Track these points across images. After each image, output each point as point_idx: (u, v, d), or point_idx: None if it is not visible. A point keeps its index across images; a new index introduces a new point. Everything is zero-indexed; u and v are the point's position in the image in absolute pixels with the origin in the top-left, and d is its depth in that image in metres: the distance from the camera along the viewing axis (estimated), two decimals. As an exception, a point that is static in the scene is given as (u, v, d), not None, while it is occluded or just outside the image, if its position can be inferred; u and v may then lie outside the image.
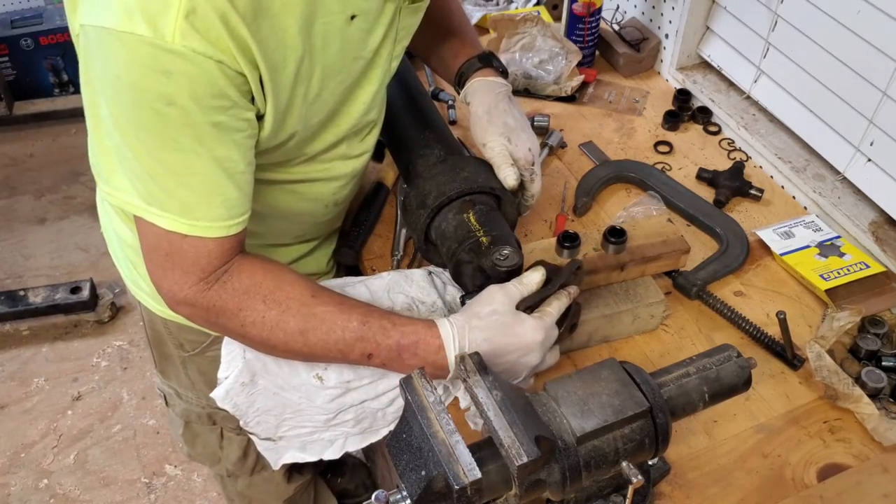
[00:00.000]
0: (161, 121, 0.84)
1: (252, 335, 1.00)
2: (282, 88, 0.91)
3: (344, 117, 1.06)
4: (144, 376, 2.55)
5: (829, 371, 1.12)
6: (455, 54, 1.26)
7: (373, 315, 1.00)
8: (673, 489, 1.07)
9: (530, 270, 1.04)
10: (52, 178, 3.20)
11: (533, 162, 1.17)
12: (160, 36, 0.79)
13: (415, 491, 0.77)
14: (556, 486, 0.83)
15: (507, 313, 0.99)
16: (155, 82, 0.81)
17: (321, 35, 0.92)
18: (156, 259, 0.96)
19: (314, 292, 1.00)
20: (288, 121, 0.96)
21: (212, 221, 0.92)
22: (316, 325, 0.98)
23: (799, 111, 1.50)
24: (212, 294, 0.97)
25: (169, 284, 0.96)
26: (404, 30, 1.06)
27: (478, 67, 1.24)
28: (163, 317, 1.29)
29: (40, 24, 3.21)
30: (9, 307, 2.59)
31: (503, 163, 1.15)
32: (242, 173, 0.93)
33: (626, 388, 0.86)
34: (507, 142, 1.16)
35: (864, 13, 1.28)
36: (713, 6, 1.66)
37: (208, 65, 0.81)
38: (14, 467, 2.33)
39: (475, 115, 1.21)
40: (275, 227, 1.19)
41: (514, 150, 1.16)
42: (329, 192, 1.16)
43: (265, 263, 1.00)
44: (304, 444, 1.17)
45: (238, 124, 0.89)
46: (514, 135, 1.17)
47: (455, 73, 1.26)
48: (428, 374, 0.85)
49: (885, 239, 1.35)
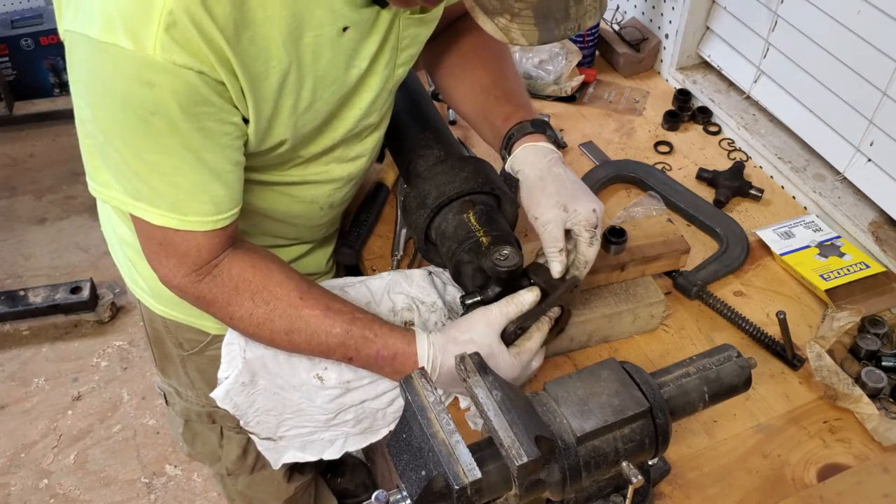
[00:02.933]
0: (146, 127, 0.86)
1: (240, 328, 1.05)
2: (264, 99, 0.92)
3: (339, 122, 1.06)
4: (144, 376, 2.55)
5: (829, 371, 1.12)
6: (506, 118, 1.16)
7: (356, 324, 1.03)
8: (673, 489, 1.06)
9: (525, 290, 1.03)
10: (53, 178, 3.20)
11: (596, 225, 1.06)
12: (142, 48, 0.80)
13: (415, 491, 0.77)
14: (556, 486, 0.83)
15: (483, 344, 1.01)
16: (139, 92, 0.83)
17: (311, 48, 0.92)
18: (151, 247, 0.99)
19: (302, 293, 1.02)
20: (274, 129, 0.96)
21: (201, 216, 0.94)
22: (301, 328, 1.02)
23: (799, 111, 1.50)
24: (203, 286, 1.00)
25: (164, 271, 1.00)
26: (408, 38, 1.05)
27: (529, 132, 1.14)
28: (162, 316, 1.29)
29: (40, 24, 3.21)
30: (9, 307, 2.59)
31: (555, 247, 1.05)
32: (230, 172, 0.94)
33: (626, 388, 0.86)
34: (563, 211, 1.05)
35: (864, 13, 1.28)
36: (713, 6, 1.66)
37: (190, 76, 0.83)
38: (14, 467, 2.32)
39: (526, 182, 1.11)
40: (271, 230, 1.19)
41: (572, 216, 1.05)
42: (324, 194, 1.16)
43: (256, 260, 1.02)
44: (305, 443, 1.17)
45: (224, 128, 0.90)
46: (571, 199, 1.06)
47: (503, 136, 1.16)
48: (427, 373, 0.85)
49: (885, 239, 1.35)
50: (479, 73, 1.23)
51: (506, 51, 1.28)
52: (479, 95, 1.22)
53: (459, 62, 1.25)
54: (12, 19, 3.22)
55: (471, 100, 1.24)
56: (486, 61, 1.23)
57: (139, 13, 0.79)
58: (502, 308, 1.02)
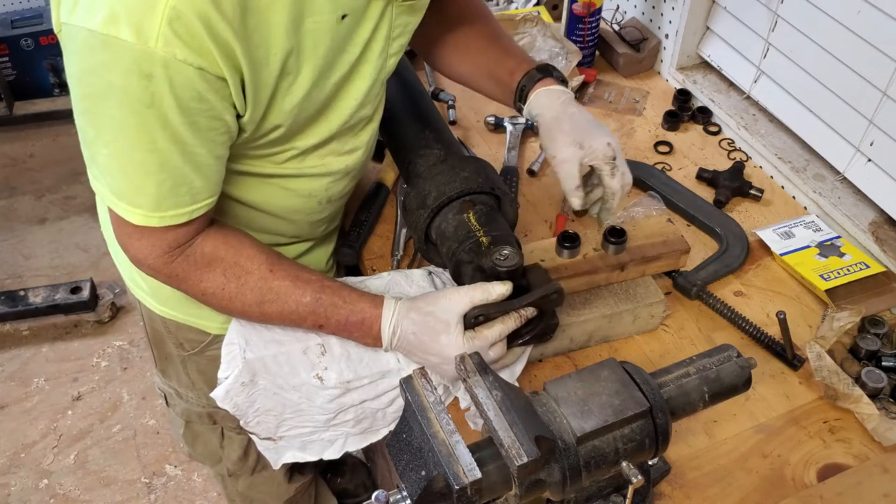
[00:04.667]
0: (139, 121, 0.86)
1: (211, 303, 1.06)
2: (264, 84, 0.93)
3: (335, 112, 1.07)
4: (144, 376, 2.55)
5: (829, 371, 1.12)
6: (511, 72, 1.21)
7: (325, 291, 1.06)
8: (673, 489, 1.07)
9: (498, 281, 1.04)
10: (53, 178, 3.20)
11: (614, 156, 1.11)
12: (143, 41, 0.80)
13: (415, 491, 0.77)
14: (556, 486, 0.83)
15: (440, 320, 1.03)
16: (136, 85, 0.83)
17: (311, 34, 0.93)
18: (125, 230, 1.00)
19: (272, 266, 1.05)
20: (271, 115, 0.97)
21: (179, 209, 0.96)
22: (272, 299, 1.04)
23: (799, 111, 1.50)
24: (175, 265, 1.02)
25: (134, 251, 1.02)
26: (400, 27, 1.07)
27: (538, 78, 1.19)
28: (162, 316, 1.30)
29: (40, 24, 3.21)
30: (9, 307, 2.59)
31: (571, 184, 1.11)
32: (211, 166, 0.96)
33: (626, 388, 0.86)
34: (579, 148, 1.10)
35: (864, 13, 1.28)
36: (713, 6, 1.66)
37: (189, 71, 0.83)
38: (14, 467, 2.32)
39: (543, 124, 1.16)
40: (269, 227, 1.19)
41: (588, 152, 1.10)
42: (322, 187, 1.17)
43: (228, 236, 1.05)
44: (304, 444, 1.17)
45: (213, 124, 0.91)
46: (587, 136, 1.11)
47: (515, 89, 1.21)
48: (428, 374, 0.85)
49: (885, 239, 1.35)
50: (471, 35, 1.25)
51: (487, 9, 1.32)
52: (476, 56, 1.24)
53: (447, 28, 1.27)
54: (12, 19, 3.22)
55: (468, 62, 1.25)
56: (474, 22, 1.27)
57: (143, 6, 0.80)
58: (469, 291, 1.03)
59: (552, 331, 1.12)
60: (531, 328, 1.09)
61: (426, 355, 1.05)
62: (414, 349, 1.06)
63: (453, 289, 1.05)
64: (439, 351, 1.03)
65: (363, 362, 1.10)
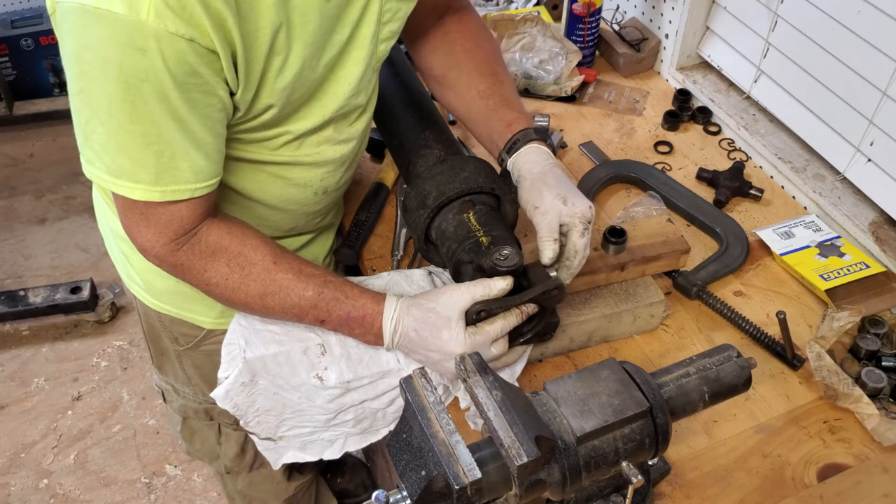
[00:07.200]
0: (135, 95, 0.86)
1: (215, 293, 1.06)
2: (255, 59, 0.93)
3: (329, 97, 1.07)
4: (144, 376, 2.55)
5: (829, 371, 1.12)
6: (508, 124, 1.22)
7: (328, 286, 1.06)
8: (673, 489, 1.07)
9: (499, 277, 1.04)
10: (52, 178, 3.20)
11: (590, 220, 1.12)
12: (136, 13, 0.81)
13: (415, 491, 0.77)
14: (556, 486, 0.83)
15: (442, 316, 1.03)
16: (131, 58, 0.84)
17: (300, 10, 0.94)
18: (132, 217, 1.00)
19: (276, 258, 1.05)
20: (263, 93, 0.98)
21: (181, 184, 0.96)
22: (274, 291, 1.05)
23: (799, 111, 1.50)
24: (180, 254, 1.02)
25: (142, 241, 1.02)
26: (390, 12, 1.07)
27: (532, 139, 1.21)
28: (157, 310, 1.30)
29: (40, 24, 3.21)
30: (9, 307, 2.59)
31: (548, 236, 1.11)
32: (210, 143, 0.96)
33: (626, 388, 0.86)
34: (563, 203, 1.11)
35: (864, 13, 1.28)
36: (713, 6, 1.66)
37: (181, 44, 0.84)
38: (14, 467, 2.33)
39: (530, 175, 1.17)
40: (266, 218, 1.19)
41: (571, 209, 1.11)
42: (317, 177, 1.17)
43: (232, 227, 1.05)
44: (304, 443, 1.17)
45: (208, 99, 0.91)
46: (570, 194, 1.13)
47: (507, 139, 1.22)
48: (428, 374, 0.85)
49: (885, 239, 1.35)
50: (475, 77, 1.25)
51: (497, 53, 1.31)
52: (476, 101, 1.24)
53: (453, 64, 1.27)
54: (12, 19, 3.22)
55: (467, 104, 1.26)
56: (480, 65, 1.27)
57: None
58: (470, 287, 1.03)
59: (553, 329, 1.12)
60: (532, 326, 1.09)
61: (427, 352, 1.05)
62: (415, 346, 1.06)
63: (454, 285, 1.05)
64: (441, 347, 1.03)
65: (363, 362, 1.10)
